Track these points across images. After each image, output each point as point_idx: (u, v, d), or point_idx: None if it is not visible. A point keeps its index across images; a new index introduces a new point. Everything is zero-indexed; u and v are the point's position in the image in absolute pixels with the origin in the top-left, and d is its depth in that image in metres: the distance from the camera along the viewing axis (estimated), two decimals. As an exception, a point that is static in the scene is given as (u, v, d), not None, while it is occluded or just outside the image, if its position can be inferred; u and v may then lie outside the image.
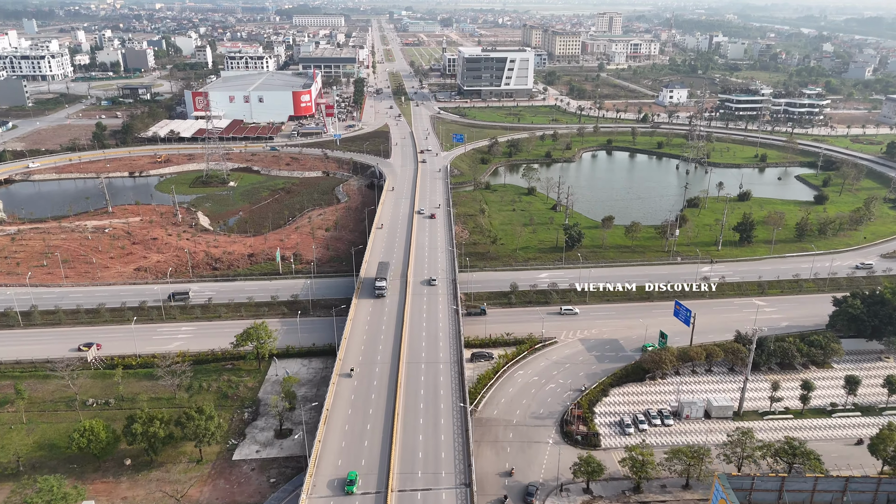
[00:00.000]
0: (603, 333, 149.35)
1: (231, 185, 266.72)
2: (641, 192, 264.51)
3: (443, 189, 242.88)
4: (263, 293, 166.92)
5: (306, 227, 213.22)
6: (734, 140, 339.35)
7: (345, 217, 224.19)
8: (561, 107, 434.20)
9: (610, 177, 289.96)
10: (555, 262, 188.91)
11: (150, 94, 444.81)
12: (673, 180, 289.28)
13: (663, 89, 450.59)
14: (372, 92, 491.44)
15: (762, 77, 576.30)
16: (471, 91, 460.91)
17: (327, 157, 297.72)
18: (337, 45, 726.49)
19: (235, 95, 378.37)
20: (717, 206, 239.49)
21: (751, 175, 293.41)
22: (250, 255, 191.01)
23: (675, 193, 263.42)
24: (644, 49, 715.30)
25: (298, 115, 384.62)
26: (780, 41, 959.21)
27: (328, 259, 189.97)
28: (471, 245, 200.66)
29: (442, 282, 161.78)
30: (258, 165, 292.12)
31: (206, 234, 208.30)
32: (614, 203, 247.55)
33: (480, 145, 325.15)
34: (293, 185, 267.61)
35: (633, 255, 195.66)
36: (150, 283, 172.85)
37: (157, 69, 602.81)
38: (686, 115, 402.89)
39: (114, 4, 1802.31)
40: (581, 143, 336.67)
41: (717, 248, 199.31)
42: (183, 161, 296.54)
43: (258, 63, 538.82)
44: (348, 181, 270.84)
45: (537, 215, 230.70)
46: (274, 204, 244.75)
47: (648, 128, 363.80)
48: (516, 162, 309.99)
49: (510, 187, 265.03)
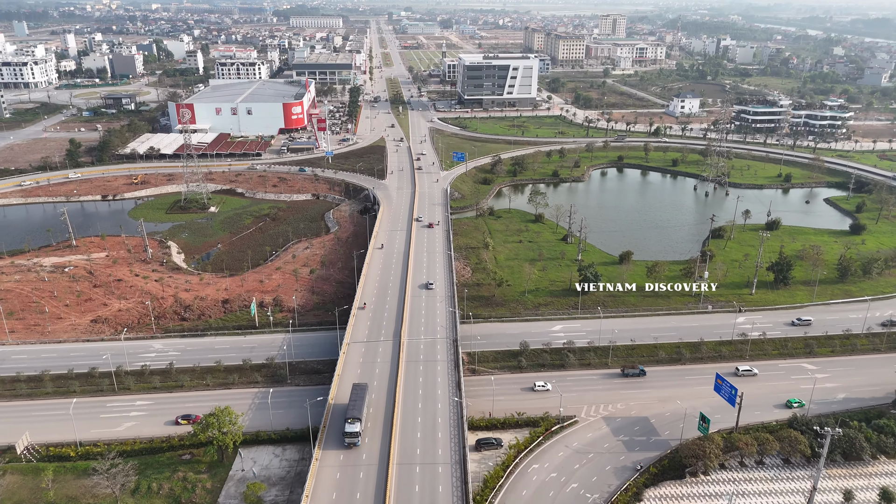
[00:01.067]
0: (630, 409, 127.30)
1: (212, 210, 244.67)
2: (658, 218, 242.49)
3: (442, 225, 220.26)
4: (235, 353, 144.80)
5: (290, 265, 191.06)
6: (754, 156, 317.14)
7: (333, 252, 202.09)
8: (567, 117, 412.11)
9: (622, 200, 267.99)
10: (569, 310, 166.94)
11: (134, 103, 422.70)
12: (691, 203, 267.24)
13: (674, 99, 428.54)
14: (369, 100, 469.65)
15: (774, 83, 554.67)
16: (472, 100, 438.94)
17: (317, 178, 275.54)
18: (333, 50, 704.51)
19: (222, 107, 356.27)
20: (744, 237, 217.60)
21: (775, 198, 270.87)
22: (225, 302, 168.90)
23: (696, 221, 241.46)
24: (650, 53, 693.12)
25: (289, 127, 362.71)
26: (788, 44, 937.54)
27: (312, 306, 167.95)
28: (474, 286, 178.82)
29: (440, 346, 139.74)
30: (243, 187, 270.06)
31: (177, 274, 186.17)
32: (630, 233, 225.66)
33: (483, 163, 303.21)
34: (280, 210, 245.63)
35: (657, 300, 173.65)
36: (107, 339, 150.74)
37: (146, 75, 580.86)
38: (700, 126, 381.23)
39: (109, 5, 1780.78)
40: (590, 160, 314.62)
41: (751, 291, 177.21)
42: (162, 182, 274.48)
43: (250, 70, 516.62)
44: (339, 206, 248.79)
45: (546, 247, 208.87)
46: (257, 234, 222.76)
47: (661, 142, 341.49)
48: (521, 182, 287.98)
49: (516, 213, 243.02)
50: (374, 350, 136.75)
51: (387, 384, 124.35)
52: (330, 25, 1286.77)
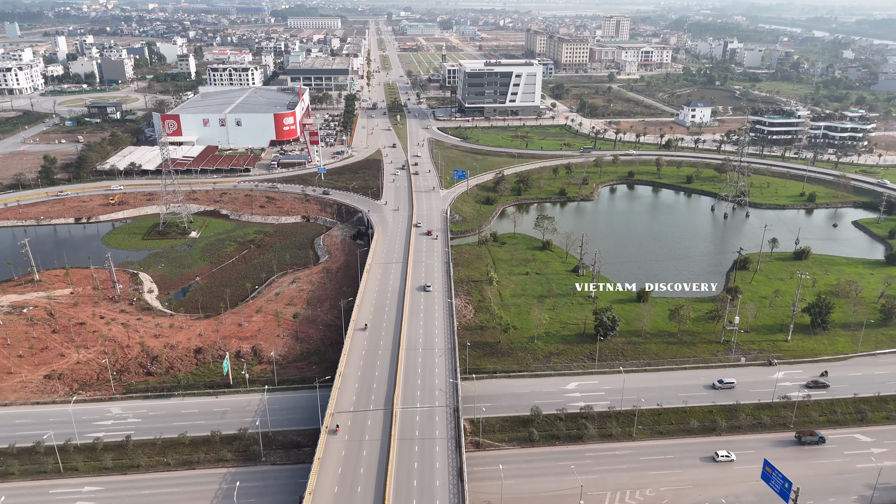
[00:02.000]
0: (662, 498, 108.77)
1: (192, 235, 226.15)
2: (676, 246, 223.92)
3: (441, 258, 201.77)
4: (204, 420, 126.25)
5: (272, 304, 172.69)
6: (774, 172, 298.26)
7: (321, 287, 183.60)
8: (572, 127, 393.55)
9: (635, 222, 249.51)
10: (584, 361, 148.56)
11: (120, 112, 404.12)
12: (709, 226, 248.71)
13: (684, 107, 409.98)
14: (366, 107, 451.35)
15: (785, 89, 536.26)
16: (473, 108, 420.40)
17: (307, 199, 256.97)
18: (331, 53, 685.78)
19: (210, 118, 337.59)
20: (772, 269, 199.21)
21: (798, 219, 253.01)
22: (197, 352, 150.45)
23: (717, 249, 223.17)
24: (655, 56, 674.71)
25: (281, 139, 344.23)
26: (795, 46, 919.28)
27: (295, 357, 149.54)
28: (477, 331, 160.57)
29: (439, 418, 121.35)
30: (228, 208, 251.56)
31: (147, 315, 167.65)
32: (646, 263, 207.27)
33: (485, 180, 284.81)
34: (266, 235, 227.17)
35: (682, 348, 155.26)
36: (59, 402, 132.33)
37: (135, 80, 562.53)
38: (712, 137, 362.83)
39: (106, 5, 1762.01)
40: (598, 176, 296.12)
41: (787, 338, 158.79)
42: (141, 202, 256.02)
43: (243, 76, 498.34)
44: (331, 230, 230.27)
45: (556, 281, 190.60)
46: (239, 264, 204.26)
47: (673, 156, 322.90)
48: (526, 201, 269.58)
49: (521, 239, 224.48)
50: (361, 424, 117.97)
51: (375, 476, 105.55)
52: (328, 26, 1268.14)
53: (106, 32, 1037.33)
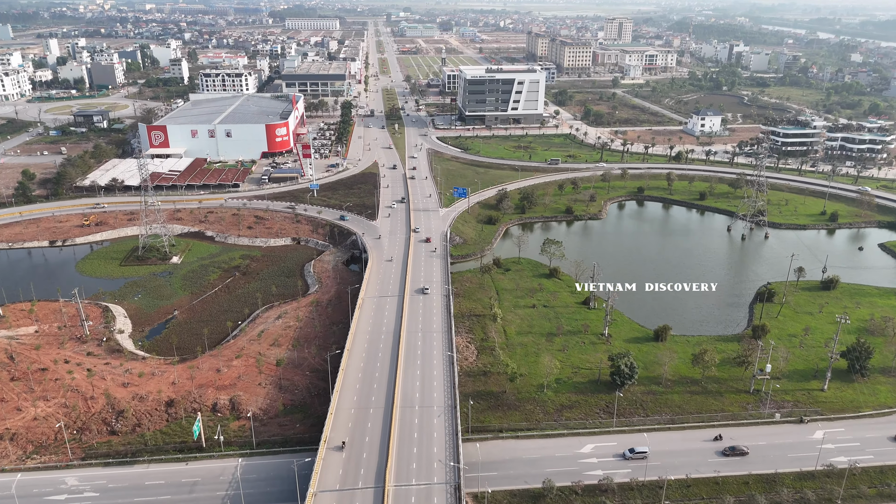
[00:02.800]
0: None
1: (174, 260, 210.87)
2: (693, 272, 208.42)
3: (440, 289, 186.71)
4: (171, 494, 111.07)
5: (255, 346, 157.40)
6: (791, 188, 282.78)
7: (309, 323, 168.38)
8: (577, 136, 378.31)
9: (647, 244, 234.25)
10: (600, 416, 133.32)
11: (107, 121, 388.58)
12: (726, 249, 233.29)
13: (693, 116, 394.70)
14: (363, 114, 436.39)
15: (795, 95, 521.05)
16: (473, 116, 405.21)
17: (298, 219, 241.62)
18: (328, 57, 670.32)
19: (199, 129, 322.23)
20: (799, 301, 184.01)
21: (819, 241, 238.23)
22: (169, 405, 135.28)
23: (738, 277, 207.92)
24: (660, 60, 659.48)
25: (273, 151, 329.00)
26: (800, 48, 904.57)
27: (277, 412, 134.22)
28: (480, 377, 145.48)
29: (437, 499, 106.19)
30: (213, 229, 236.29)
31: (117, 359, 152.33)
32: (661, 294, 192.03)
33: (487, 196, 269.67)
34: (252, 260, 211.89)
35: (707, 398, 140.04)
36: (8, 470, 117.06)
37: (126, 85, 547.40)
38: (723, 148, 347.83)
39: (102, 6, 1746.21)
40: (606, 192, 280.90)
41: (823, 387, 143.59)
42: (122, 222, 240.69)
43: (236, 81, 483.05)
44: (322, 255, 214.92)
45: (565, 315, 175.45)
46: (223, 294, 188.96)
47: (685, 169, 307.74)
48: (531, 220, 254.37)
49: (526, 265, 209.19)
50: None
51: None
52: (326, 27, 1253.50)
53: (100, 34, 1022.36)
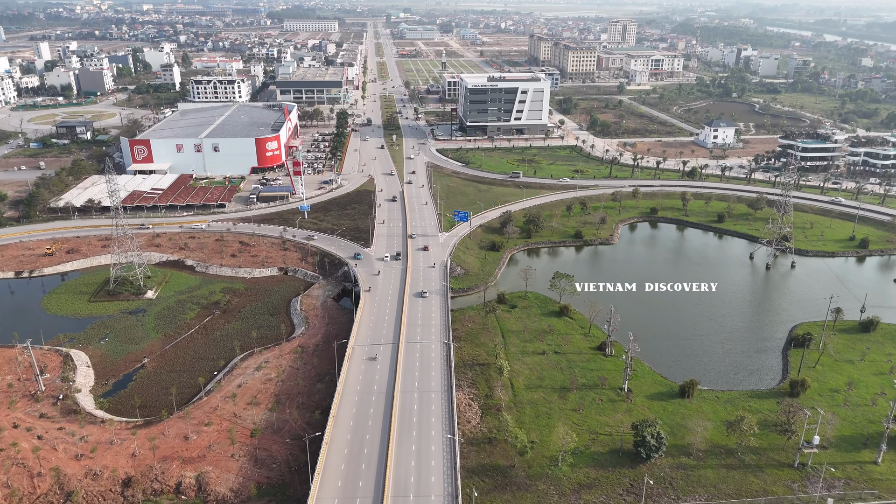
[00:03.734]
0: None
1: (148, 295, 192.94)
2: (716, 309, 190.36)
3: (440, 335, 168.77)
4: None
5: (230, 405, 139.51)
6: (816, 209, 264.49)
7: (293, 375, 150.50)
8: (584, 148, 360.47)
9: (664, 274, 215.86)
10: (624, 498, 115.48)
11: (90, 132, 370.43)
12: (750, 280, 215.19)
13: (705, 127, 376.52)
14: (360, 123, 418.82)
15: (807, 102, 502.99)
16: (475, 127, 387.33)
17: (285, 246, 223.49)
18: (325, 61, 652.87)
19: (184, 144, 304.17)
20: (838, 346, 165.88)
21: (849, 270, 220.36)
22: (126, 484, 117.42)
23: (766, 316, 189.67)
24: (666, 65, 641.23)
25: (263, 166, 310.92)
26: (808, 51, 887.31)
27: (250, 495, 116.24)
28: (484, 446, 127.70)
29: None
30: (195, 256, 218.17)
31: (72, 422, 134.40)
32: (683, 337, 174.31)
33: (490, 218, 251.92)
34: (235, 294, 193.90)
35: (746, 474, 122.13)
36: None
37: (117, 91, 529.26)
38: (738, 162, 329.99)
39: (100, 6, 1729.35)
40: (617, 212, 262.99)
41: (876, 460, 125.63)
42: (95, 249, 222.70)
43: (228, 88, 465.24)
44: (310, 289, 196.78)
45: (579, 364, 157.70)
46: (199, 337, 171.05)
47: (700, 187, 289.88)
48: (537, 245, 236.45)
49: (534, 300, 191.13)
50: None
51: None
52: (325, 29, 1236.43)
53: (94, 37, 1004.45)
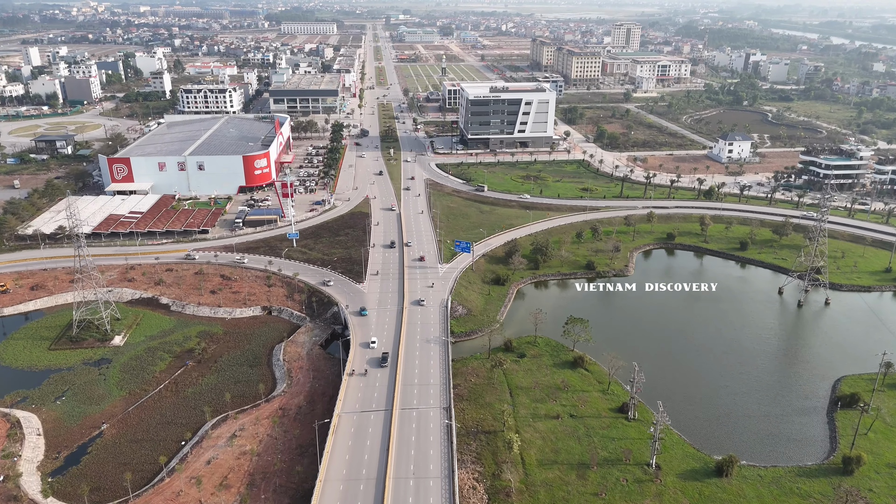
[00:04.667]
0: None
1: (116, 341, 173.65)
2: (748, 359, 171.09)
3: (440, 397, 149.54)
4: None
5: (194, 491, 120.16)
6: (845, 234, 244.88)
7: (272, 447, 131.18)
8: (591, 163, 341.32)
9: (685, 312, 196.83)
10: None
11: (71, 146, 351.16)
12: (781, 321, 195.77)
13: (720, 141, 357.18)
14: (355, 134, 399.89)
15: (821, 111, 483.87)
16: (476, 139, 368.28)
17: (270, 281, 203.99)
18: (321, 66, 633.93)
19: (167, 162, 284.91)
20: (891, 407, 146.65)
21: (885, 307, 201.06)
22: None
23: (803, 364, 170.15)
24: (673, 70, 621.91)
25: (252, 185, 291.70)
26: (816, 55, 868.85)
27: None
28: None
29: None
30: (170, 294, 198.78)
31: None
32: (712, 391, 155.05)
33: (494, 246, 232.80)
34: (212, 339, 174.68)
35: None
36: None
37: (105, 99, 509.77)
38: (756, 180, 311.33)
39: (96, 8, 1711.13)
40: (632, 238, 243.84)
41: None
42: (63, 285, 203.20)
43: (219, 97, 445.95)
44: (296, 335, 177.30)
45: (599, 429, 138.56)
46: (168, 396, 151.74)
47: (718, 208, 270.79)
48: (545, 277, 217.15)
49: (544, 347, 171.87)
50: None
51: None
52: (323, 32, 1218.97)
53: (87, 41, 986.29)
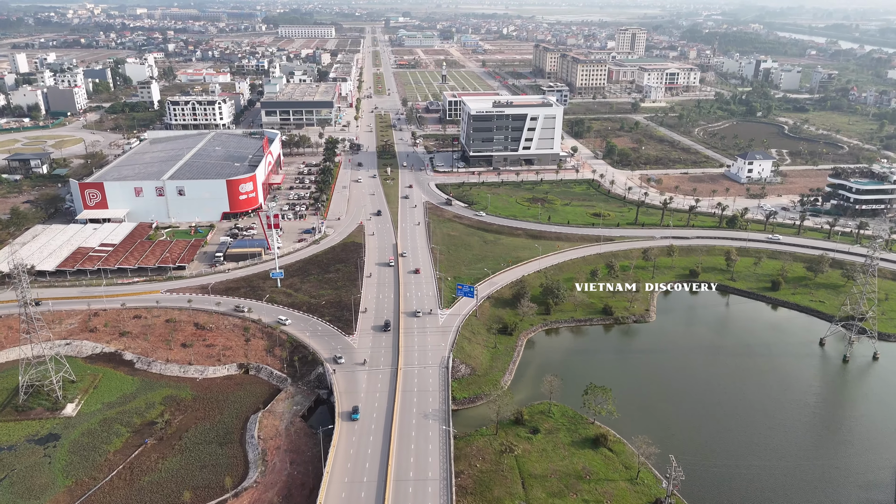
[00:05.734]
0: None
1: (67, 411, 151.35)
2: (794, 429, 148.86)
3: (440, 483, 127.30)
4: None
5: None
6: (886, 271, 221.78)
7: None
8: (602, 184, 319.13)
9: (714, 366, 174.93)
10: None
11: (48, 165, 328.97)
12: (825, 380, 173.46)
13: (738, 159, 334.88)
14: (351, 151, 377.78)
15: (840, 123, 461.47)
16: (479, 157, 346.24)
17: (249, 331, 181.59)
18: (317, 74, 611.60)
19: (144, 187, 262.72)
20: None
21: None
22: None
23: (858, 434, 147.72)
24: (681, 79, 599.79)
25: (237, 210, 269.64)
26: (825, 60, 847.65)
27: None
28: None
29: None
30: (136, 347, 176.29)
31: None
32: (756, 473, 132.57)
33: (500, 286, 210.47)
34: (180, 405, 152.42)
35: None
36: None
37: (90, 110, 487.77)
38: (780, 203, 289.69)
39: (92, 10, 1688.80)
40: (651, 275, 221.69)
41: None
42: (15, 336, 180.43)
43: (208, 110, 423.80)
44: (274, 402, 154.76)
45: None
46: (120, 486, 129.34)
47: (742, 239, 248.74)
48: (557, 324, 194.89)
49: (560, 419, 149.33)
50: None
51: None
52: (321, 35, 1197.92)
53: (80, 45, 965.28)
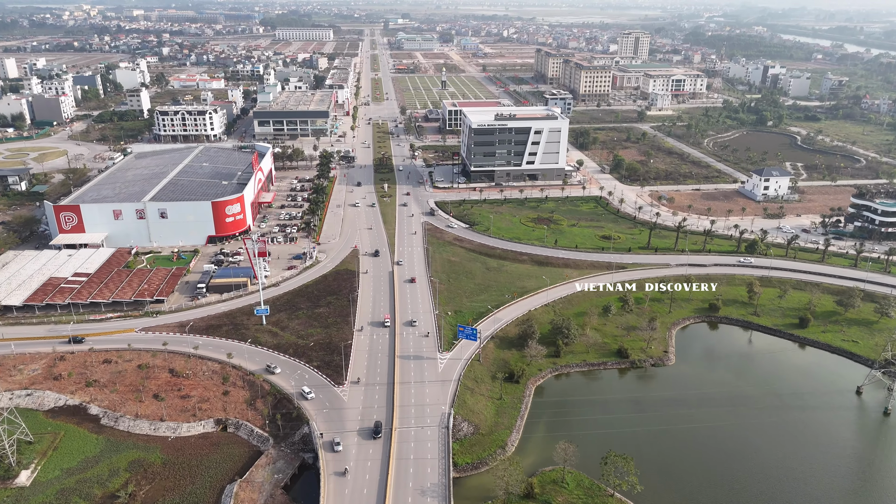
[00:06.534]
0: None
1: (21, 479, 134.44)
2: (824, 486, 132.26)
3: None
4: None
5: None
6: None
7: None
8: (610, 202, 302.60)
9: (742, 419, 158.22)
10: None
11: (27, 182, 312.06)
12: (863, 439, 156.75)
13: (753, 175, 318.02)
14: (346, 165, 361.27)
15: (854, 133, 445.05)
16: (480, 172, 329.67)
17: (229, 379, 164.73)
18: (313, 80, 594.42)
19: (123, 209, 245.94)
20: None
21: None
22: None
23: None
24: (688, 85, 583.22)
25: (223, 234, 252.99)
26: (832, 64, 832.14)
27: None
28: None
29: None
30: (103, 399, 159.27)
31: None
32: None
33: (505, 323, 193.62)
34: (147, 470, 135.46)
35: None
36: None
37: (77, 119, 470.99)
38: (800, 224, 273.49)
39: (88, 12, 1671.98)
40: (668, 309, 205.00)
41: None
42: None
43: (198, 121, 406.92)
44: (254, 468, 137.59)
45: None
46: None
47: (765, 268, 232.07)
48: (568, 368, 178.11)
49: (576, 488, 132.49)
50: None
51: None
52: (319, 38, 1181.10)
53: (73, 48, 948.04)
